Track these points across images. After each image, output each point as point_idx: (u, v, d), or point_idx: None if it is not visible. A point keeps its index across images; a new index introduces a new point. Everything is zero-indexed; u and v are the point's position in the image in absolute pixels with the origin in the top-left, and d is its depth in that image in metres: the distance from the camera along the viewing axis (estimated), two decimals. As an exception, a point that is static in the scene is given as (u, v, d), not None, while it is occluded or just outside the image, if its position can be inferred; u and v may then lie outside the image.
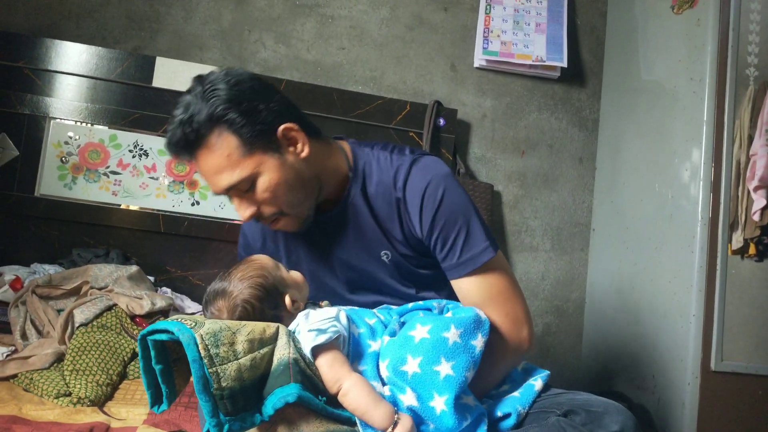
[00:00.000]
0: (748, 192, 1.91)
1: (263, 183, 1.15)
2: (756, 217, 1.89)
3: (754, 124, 1.93)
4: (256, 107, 1.14)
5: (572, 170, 2.60)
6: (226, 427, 0.94)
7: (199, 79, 1.16)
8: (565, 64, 2.46)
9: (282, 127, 1.16)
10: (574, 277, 2.57)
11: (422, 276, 1.31)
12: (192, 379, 0.97)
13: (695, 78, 1.99)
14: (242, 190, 1.15)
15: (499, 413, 1.13)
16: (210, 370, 0.96)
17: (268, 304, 1.12)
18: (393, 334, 1.16)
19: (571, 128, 2.60)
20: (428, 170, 1.25)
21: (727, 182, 1.92)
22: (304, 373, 1.02)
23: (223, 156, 1.12)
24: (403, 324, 1.19)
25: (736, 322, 1.91)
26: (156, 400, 1.02)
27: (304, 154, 1.19)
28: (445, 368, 1.05)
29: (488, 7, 2.46)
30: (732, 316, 1.91)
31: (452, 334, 1.08)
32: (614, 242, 2.37)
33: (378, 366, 1.11)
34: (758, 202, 1.88)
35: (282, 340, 1.04)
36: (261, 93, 1.17)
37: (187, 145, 1.12)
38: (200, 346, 0.97)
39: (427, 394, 1.05)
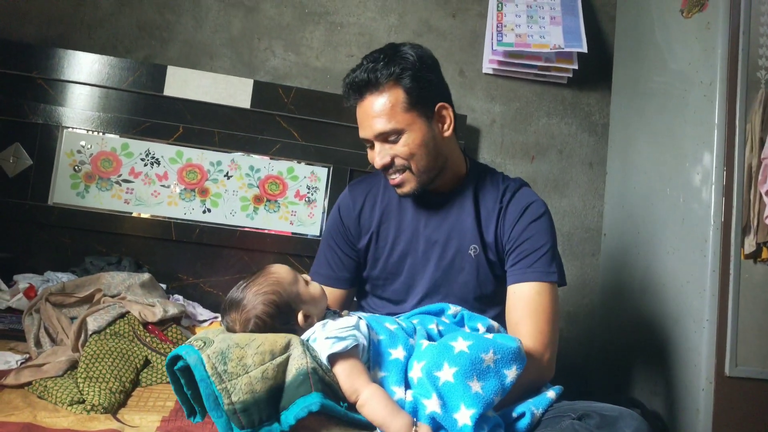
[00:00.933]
0: (760, 196, 1.89)
1: (407, 138, 1.34)
2: (768, 221, 1.87)
3: (765, 128, 1.91)
4: (429, 79, 1.36)
5: (582, 175, 2.59)
6: None
7: (393, 45, 1.40)
8: (585, 49, 2.38)
9: (440, 104, 1.38)
10: (586, 283, 2.56)
11: (493, 287, 1.44)
12: None
13: (705, 81, 1.98)
14: (387, 139, 1.34)
15: (514, 414, 1.14)
16: (219, 387, 0.99)
17: (280, 320, 1.15)
18: (424, 338, 1.18)
19: (581, 133, 2.60)
20: (534, 195, 1.47)
21: (739, 186, 1.90)
22: (324, 380, 1.04)
23: (388, 105, 1.32)
24: (428, 333, 1.21)
25: (750, 327, 1.89)
26: (191, 412, 1.08)
27: (446, 134, 1.40)
28: (476, 386, 1.07)
29: (500, 4, 2.45)
30: (745, 321, 1.89)
31: (489, 357, 1.10)
32: (625, 247, 2.36)
33: (402, 372, 1.12)
34: (770, 206, 1.87)
35: (297, 350, 1.06)
36: (436, 71, 1.40)
37: (363, 85, 1.33)
38: (207, 365, 1.01)
39: (455, 404, 1.06)
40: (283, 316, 1.16)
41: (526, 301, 1.33)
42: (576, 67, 2.48)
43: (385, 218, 1.50)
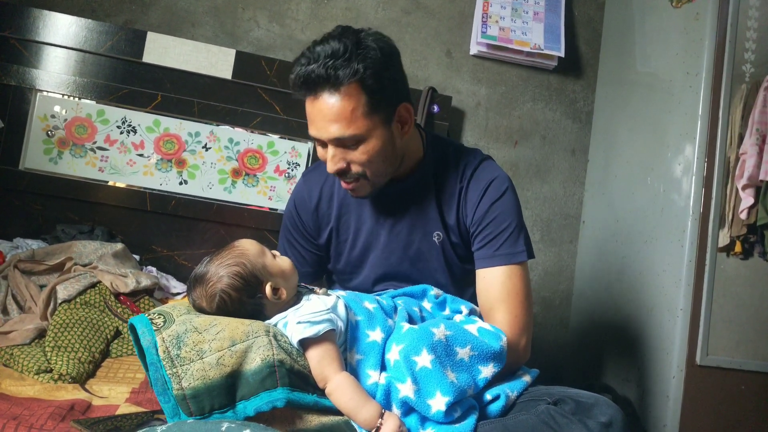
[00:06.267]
0: (737, 190, 1.92)
1: (367, 146, 1.21)
2: (743, 216, 1.89)
3: (745, 123, 1.93)
4: (393, 79, 1.21)
5: (564, 162, 2.59)
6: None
7: (352, 31, 1.19)
8: (562, 54, 2.44)
9: (403, 105, 1.24)
10: (563, 269, 2.58)
11: (458, 269, 1.39)
12: None
13: (692, 72, 1.98)
14: (345, 144, 1.21)
15: (488, 396, 1.14)
16: (169, 372, 0.96)
17: (246, 293, 1.11)
18: (405, 321, 1.16)
19: (565, 120, 2.59)
20: (495, 169, 1.37)
21: (719, 178, 1.92)
22: (292, 370, 1.01)
23: (348, 108, 1.16)
24: (409, 314, 1.20)
25: (721, 318, 1.92)
26: None
27: (406, 136, 1.28)
28: (451, 375, 1.06)
29: (487, -9, 2.44)
30: (717, 312, 1.92)
31: (464, 352, 1.10)
32: (604, 235, 2.37)
33: (379, 355, 1.10)
34: (746, 201, 1.89)
35: (263, 339, 1.02)
36: (399, 67, 1.25)
37: (320, 82, 1.16)
38: (160, 349, 0.98)
39: (430, 390, 1.05)
40: (250, 289, 1.11)
41: (497, 287, 1.28)
42: (556, 62, 2.50)
43: (345, 211, 1.41)
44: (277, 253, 1.21)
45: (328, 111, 1.17)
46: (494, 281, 1.29)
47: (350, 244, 1.42)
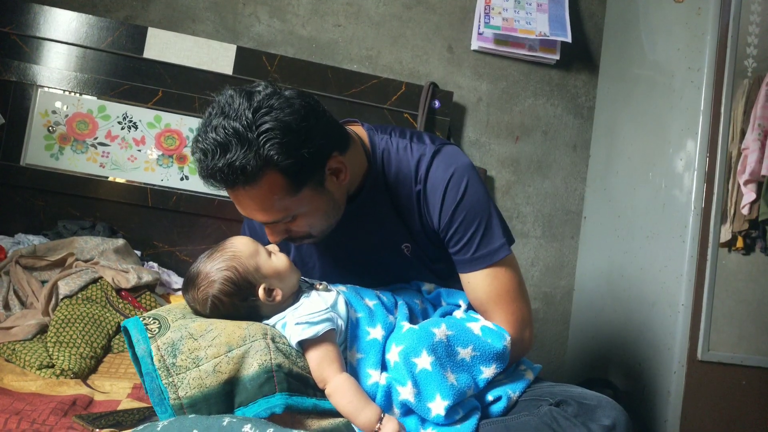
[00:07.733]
0: (739, 186, 1.91)
1: (303, 218, 1.13)
2: (745, 211, 1.89)
3: (747, 118, 1.92)
4: (310, 147, 1.05)
5: (566, 157, 2.59)
6: None
7: (246, 100, 1.05)
8: (569, 39, 2.38)
9: (331, 161, 1.11)
10: (564, 264, 2.57)
11: (440, 270, 1.32)
12: None
13: (694, 67, 1.98)
14: (280, 222, 1.12)
15: (490, 397, 1.13)
16: (165, 381, 0.95)
17: (238, 297, 1.09)
18: (406, 319, 1.15)
19: (566, 115, 2.59)
20: (451, 162, 1.23)
21: (721, 174, 1.92)
22: (291, 373, 1.00)
23: (270, 197, 1.06)
24: (410, 309, 1.18)
25: (722, 313, 1.92)
26: None
27: (345, 182, 1.16)
28: (451, 377, 1.06)
29: (489, -15, 2.43)
30: (718, 308, 1.92)
31: (466, 353, 1.09)
32: (605, 230, 2.37)
33: (379, 354, 1.09)
34: (748, 196, 1.88)
35: (260, 343, 1.01)
36: (313, 126, 1.07)
37: (229, 180, 1.03)
38: (155, 358, 0.96)
39: (430, 393, 1.04)
40: (242, 293, 1.08)
41: (485, 290, 1.22)
42: (558, 57, 2.49)
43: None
44: (274, 249, 1.16)
45: (250, 203, 1.07)
46: (481, 285, 1.23)
47: (319, 272, 1.35)
